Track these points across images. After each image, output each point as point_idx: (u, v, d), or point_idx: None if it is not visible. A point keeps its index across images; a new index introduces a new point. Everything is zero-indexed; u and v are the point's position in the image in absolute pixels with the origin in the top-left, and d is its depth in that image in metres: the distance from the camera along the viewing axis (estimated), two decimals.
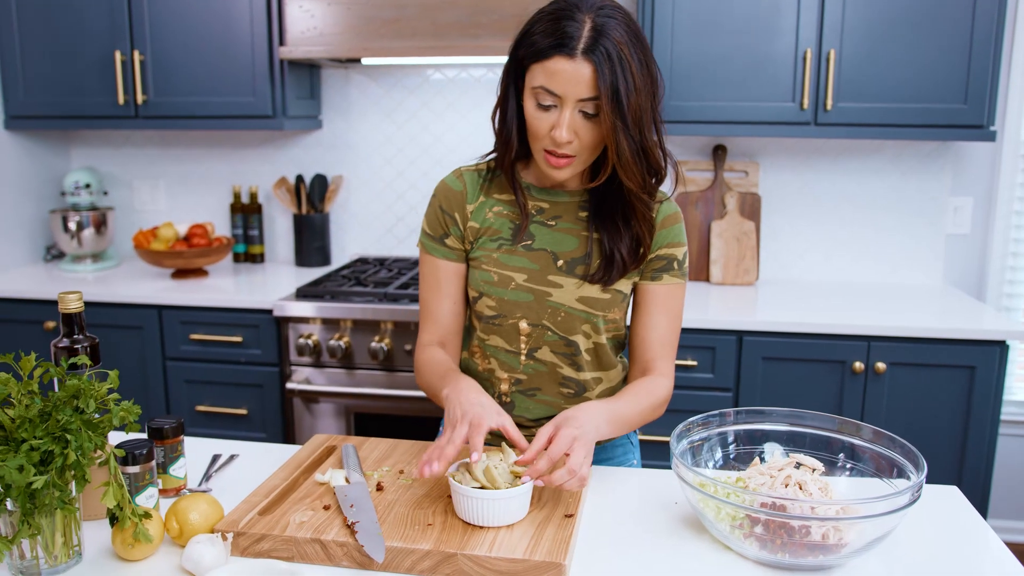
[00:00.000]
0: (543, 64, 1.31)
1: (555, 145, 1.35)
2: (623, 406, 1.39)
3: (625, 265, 1.46)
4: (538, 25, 1.34)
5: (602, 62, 1.28)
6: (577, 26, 1.29)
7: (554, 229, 1.49)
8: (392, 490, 1.31)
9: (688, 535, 1.26)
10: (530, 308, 1.48)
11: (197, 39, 2.90)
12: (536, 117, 1.35)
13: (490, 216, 1.51)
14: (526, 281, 1.48)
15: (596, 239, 1.48)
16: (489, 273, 1.49)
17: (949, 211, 3.05)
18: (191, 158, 3.40)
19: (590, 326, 1.50)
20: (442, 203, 1.53)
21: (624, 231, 1.45)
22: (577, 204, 1.50)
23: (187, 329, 2.79)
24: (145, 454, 1.22)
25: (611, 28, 1.30)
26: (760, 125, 2.73)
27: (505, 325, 1.50)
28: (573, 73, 1.29)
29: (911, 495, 1.14)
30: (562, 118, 1.33)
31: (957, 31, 2.60)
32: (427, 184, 3.27)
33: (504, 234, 1.50)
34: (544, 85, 1.32)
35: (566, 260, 1.48)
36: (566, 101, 1.32)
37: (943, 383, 2.53)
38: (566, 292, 1.48)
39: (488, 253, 1.50)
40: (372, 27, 2.71)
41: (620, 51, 1.29)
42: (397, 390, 2.67)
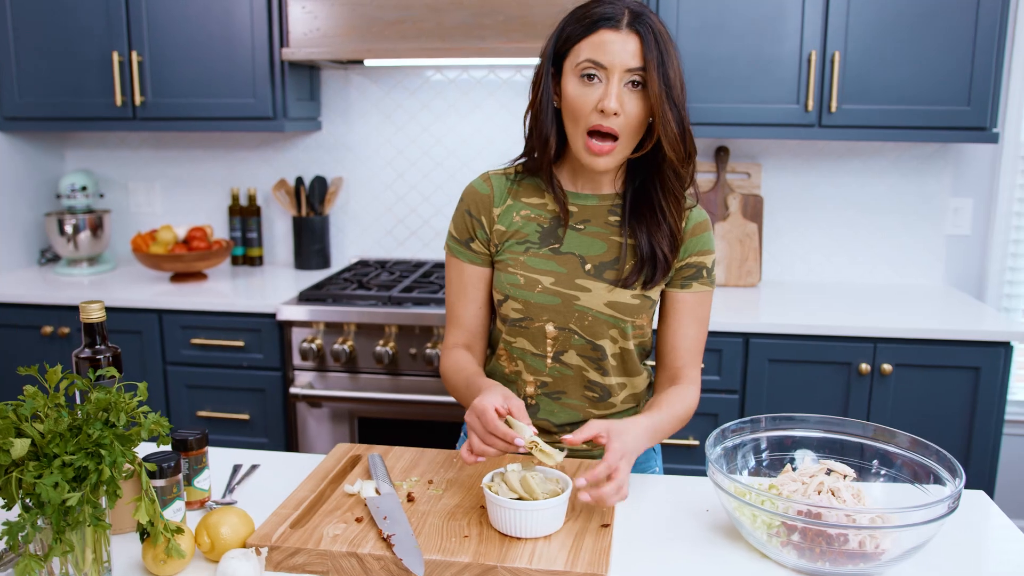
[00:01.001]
0: (588, 40, 1.36)
1: (602, 118, 1.36)
2: (661, 418, 1.40)
3: (668, 263, 1.47)
4: (573, 16, 1.40)
5: (647, 34, 1.34)
6: (616, 8, 1.36)
7: (583, 233, 1.49)
8: (423, 500, 1.29)
9: (723, 543, 1.25)
10: (557, 312, 1.48)
11: (196, 40, 2.87)
12: (580, 94, 1.37)
13: (517, 219, 1.51)
14: (553, 284, 1.47)
15: (631, 244, 1.48)
16: (516, 276, 1.49)
17: (949, 212, 3.06)
18: (188, 160, 3.36)
19: (618, 331, 1.49)
20: (469, 207, 1.53)
21: (663, 224, 1.46)
22: (607, 208, 1.50)
23: (188, 334, 2.76)
24: (173, 467, 1.20)
25: (647, 13, 1.37)
26: (764, 127, 2.73)
27: (531, 328, 1.50)
28: (620, 43, 1.34)
29: (949, 504, 1.14)
30: (609, 88, 1.35)
31: (960, 33, 2.61)
32: (427, 186, 3.25)
33: (532, 237, 1.50)
34: (590, 57, 1.35)
35: (594, 264, 1.48)
36: (612, 71, 1.35)
37: (948, 384, 2.54)
38: (594, 296, 1.47)
39: (515, 256, 1.50)
40: (376, 28, 2.69)
41: (659, 28, 1.36)
42: (402, 394, 2.65)
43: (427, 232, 3.29)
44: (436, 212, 3.27)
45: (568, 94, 1.38)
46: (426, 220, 3.28)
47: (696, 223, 1.50)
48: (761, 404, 2.59)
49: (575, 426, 1.56)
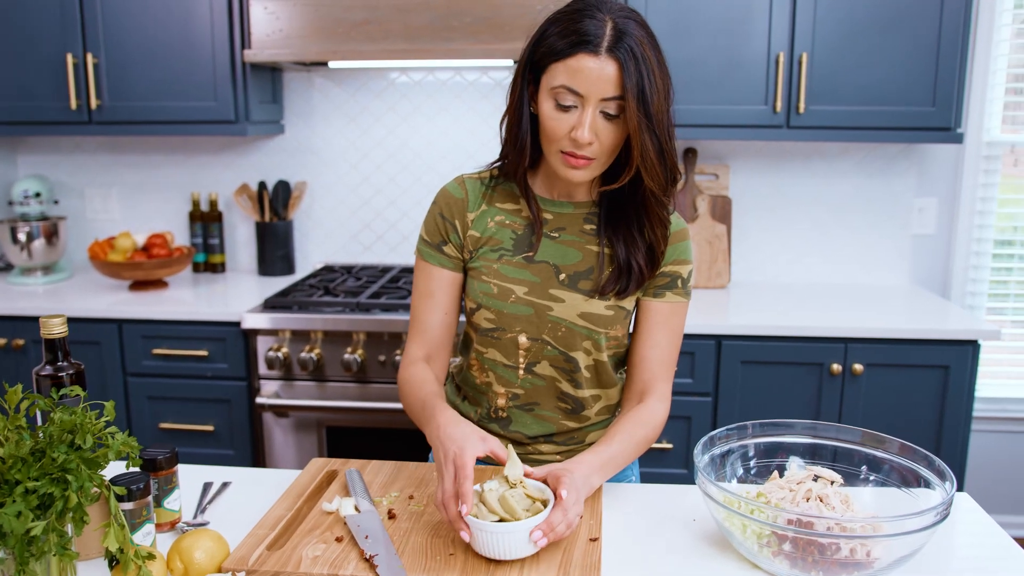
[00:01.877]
0: (565, 63, 1.28)
1: (574, 147, 1.31)
2: (616, 450, 1.33)
3: (643, 275, 1.42)
4: (555, 26, 1.31)
5: (627, 60, 1.25)
6: (598, 24, 1.26)
7: (557, 241, 1.45)
8: (405, 517, 1.25)
9: (714, 553, 1.23)
10: (530, 322, 1.43)
11: (154, 41, 2.79)
12: (554, 118, 1.31)
13: (492, 225, 1.46)
14: (527, 294, 1.43)
15: (608, 253, 1.43)
16: (489, 284, 1.44)
17: (914, 212, 3.09)
18: (147, 165, 3.27)
19: (591, 343, 1.45)
20: (443, 210, 1.48)
21: (640, 240, 1.41)
22: (582, 216, 1.46)
23: (149, 344, 2.68)
24: (142, 489, 1.14)
25: (632, 28, 1.28)
26: (733, 128, 2.73)
27: (504, 339, 1.45)
28: (598, 71, 1.26)
29: (941, 511, 1.12)
30: (584, 117, 1.28)
31: (925, 36, 2.63)
32: (393, 190, 3.20)
33: (506, 244, 1.45)
34: (566, 84, 1.28)
35: (569, 274, 1.44)
36: (588, 100, 1.28)
37: (918, 383, 2.55)
38: (568, 307, 1.43)
39: (489, 264, 1.45)
40: (341, 29, 2.63)
41: (644, 51, 1.26)
42: (371, 402, 2.60)
43: (394, 236, 3.24)
44: (403, 216, 3.22)
45: (543, 115, 1.33)
46: (392, 224, 3.23)
47: (675, 231, 1.45)
48: (734, 406, 2.58)
49: (548, 438, 1.52)
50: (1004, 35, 2.98)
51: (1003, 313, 3.18)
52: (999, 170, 3.06)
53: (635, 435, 1.38)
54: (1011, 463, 3.21)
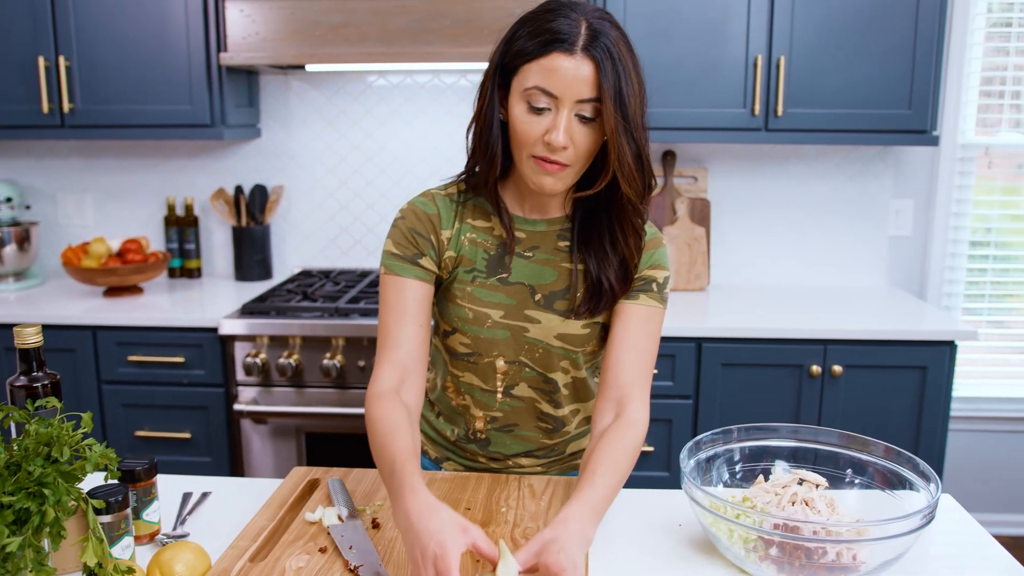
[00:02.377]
0: (538, 62, 1.21)
1: (548, 151, 1.24)
2: (603, 490, 1.19)
3: (614, 294, 1.36)
4: (526, 26, 1.25)
5: (604, 60, 1.19)
6: (572, 24, 1.21)
7: (531, 261, 1.38)
8: (389, 527, 1.23)
9: (700, 559, 1.22)
10: (507, 345, 1.39)
11: (128, 44, 2.75)
12: (526, 122, 1.24)
13: (464, 243, 1.38)
14: (503, 317, 1.37)
15: (581, 270, 1.38)
16: (464, 309, 1.38)
17: (891, 214, 3.11)
18: (120, 169, 3.22)
19: (569, 362, 1.41)
20: (415, 226, 1.37)
21: (612, 255, 1.35)
22: (555, 233, 1.40)
23: (124, 350, 2.64)
24: (120, 501, 1.12)
25: (607, 28, 1.22)
26: (712, 131, 2.74)
27: (481, 363, 1.41)
28: (573, 71, 1.20)
29: (927, 515, 1.12)
30: (558, 120, 1.22)
31: (901, 39, 2.65)
32: (372, 193, 3.18)
33: (478, 265, 1.38)
34: (540, 85, 1.21)
35: (544, 294, 1.38)
36: (563, 102, 1.21)
37: (897, 384, 2.57)
38: (544, 328, 1.38)
39: (462, 287, 1.38)
40: (318, 32, 2.61)
41: (619, 51, 1.21)
42: (351, 408, 2.58)
43: (372, 241, 3.22)
44: (381, 220, 3.20)
45: (514, 118, 1.25)
46: (371, 228, 3.21)
47: (647, 240, 1.39)
48: (715, 409, 2.59)
49: (528, 455, 1.50)
50: (977, 39, 3.01)
51: (978, 313, 3.21)
52: (974, 172, 3.09)
53: (620, 466, 1.24)
54: (988, 462, 3.24)
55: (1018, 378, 3.24)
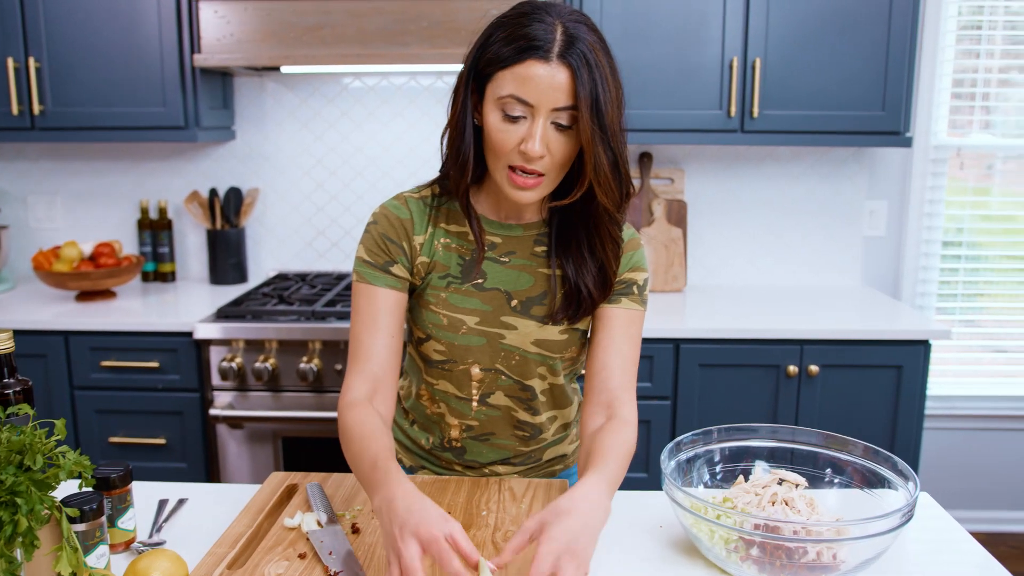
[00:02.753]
0: (512, 70, 1.18)
1: (524, 160, 1.22)
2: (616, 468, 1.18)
3: (593, 300, 1.35)
4: (500, 30, 1.22)
5: (580, 67, 1.17)
6: (548, 28, 1.18)
7: (507, 266, 1.37)
8: (369, 531, 1.22)
9: (682, 560, 1.22)
10: (483, 352, 1.37)
11: (100, 45, 2.71)
12: (501, 131, 1.21)
13: (438, 248, 1.36)
14: (478, 324, 1.35)
15: (559, 275, 1.36)
16: (438, 315, 1.36)
17: (865, 214, 3.14)
18: (92, 172, 3.18)
19: (546, 368, 1.40)
20: (386, 232, 1.34)
21: (590, 261, 1.34)
22: (532, 238, 1.38)
23: (97, 356, 2.60)
24: (95, 509, 1.10)
25: (583, 33, 1.19)
26: (689, 133, 2.75)
27: (455, 371, 1.39)
28: (548, 78, 1.17)
29: (906, 513, 1.13)
30: (534, 129, 1.19)
31: (874, 41, 2.67)
32: (348, 196, 3.16)
33: (452, 271, 1.36)
34: (514, 93, 1.19)
35: (520, 300, 1.36)
36: (539, 110, 1.19)
37: (872, 383, 2.59)
38: (521, 334, 1.36)
39: (436, 292, 1.36)
40: (294, 34, 2.59)
41: (596, 57, 1.18)
42: (328, 412, 2.56)
43: (349, 243, 3.20)
44: (358, 223, 3.18)
45: (489, 126, 1.23)
46: (347, 231, 3.19)
47: (626, 242, 1.38)
48: (693, 409, 2.59)
49: (504, 463, 1.49)
50: (948, 41, 3.05)
51: (951, 313, 3.25)
52: (946, 172, 3.12)
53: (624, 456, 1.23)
54: (962, 460, 3.28)
55: (990, 376, 3.28)
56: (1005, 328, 3.27)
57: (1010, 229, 3.24)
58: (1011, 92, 3.13)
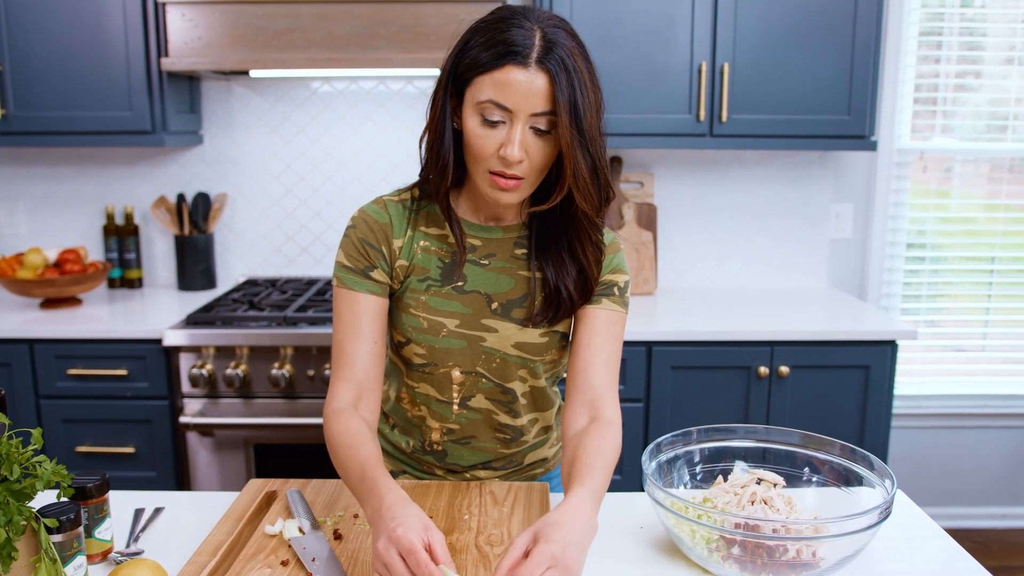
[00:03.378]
0: (491, 75, 1.19)
1: (503, 165, 1.22)
2: (601, 480, 1.19)
3: (573, 303, 1.36)
4: (479, 35, 1.22)
5: (559, 72, 1.17)
6: (526, 34, 1.18)
7: (487, 269, 1.37)
8: (352, 537, 1.21)
9: (664, 560, 1.23)
10: (463, 355, 1.37)
11: (64, 49, 2.67)
12: (480, 136, 1.22)
13: (417, 251, 1.36)
14: (458, 327, 1.36)
15: (539, 278, 1.37)
16: (418, 319, 1.36)
17: (831, 217, 3.18)
18: (55, 177, 3.13)
19: (527, 371, 1.40)
20: (366, 236, 1.35)
21: (570, 264, 1.35)
22: (512, 241, 1.39)
23: (63, 364, 2.56)
24: (72, 519, 1.08)
25: (562, 38, 1.20)
26: (658, 137, 2.77)
27: (436, 374, 1.39)
28: (527, 84, 1.17)
29: (882, 511, 1.15)
30: (513, 134, 1.20)
31: (839, 47, 2.72)
32: (318, 201, 3.14)
33: (432, 273, 1.36)
34: (493, 98, 1.19)
35: (501, 303, 1.37)
36: (517, 115, 1.19)
37: (841, 383, 2.63)
38: (501, 337, 1.37)
39: (416, 295, 1.36)
40: (263, 38, 2.57)
41: (575, 62, 1.19)
42: (300, 418, 2.54)
43: (319, 248, 3.18)
44: (328, 227, 3.16)
45: (468, 132, 1.23)
46: (317, 236, 3.17)
47: (605, 246, 1.39)
48: (665, 411, 2.61)
49: (486, 467, 1.49)
50: (910, 47, 3.11)
51: (916, 313, 3.31)
52: (909, 176, 3.18)
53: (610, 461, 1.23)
54: (929, 458, 3.34)
55: (954, 375, 3.35)
56: (965, 328, 3.34)
57: (969, 231, 3.31)
58: (968, 97, 3.20)
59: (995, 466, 3.37)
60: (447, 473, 1.50)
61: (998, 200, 3.28)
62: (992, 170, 3.27)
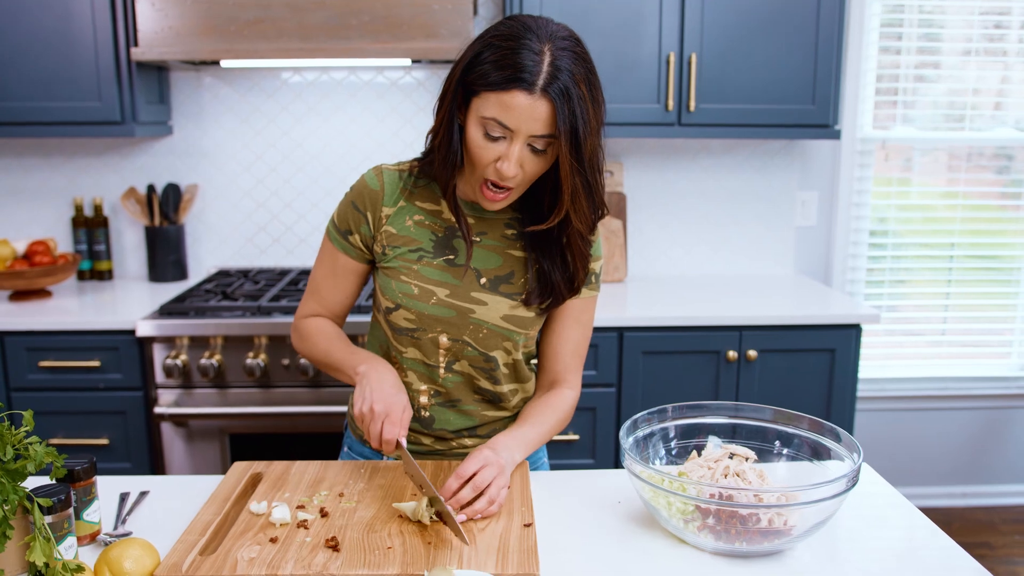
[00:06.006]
0: (498, 96, 1.25)
1: (498, 177, 1.31)
2: (531, 430, 1.43)
3: (562, 295, 1.45)
4: (490, 51, 1.26)
5: (562, 102, 1.23)
6: (536, 58, 1.23)
7: (479, 246, 1.45)
8: (338, 515, 1.24)
9: (642, 532, 1.27)
10: (451, 324, 1.44)
11: (31, 38, 2.65)
12: (482, 147, 1.29)
13: (410, 224, 1.45)
14: (448, 297, 1.43)
15: (523, 257, 1.46)
16: (409, 285, 1.43)
17: (797, 205, 3.25)
18: (21, 168, 3.10)
19: (511, 344, 1.47)
20: (355, 199, 1.47)
21: (561, 264, 1.43)
22: (503, 222, 1.47)
23: (35, 356, 2.54)
24: (63, 501, 1.09)
25: (569, 62, 1.24)
26: (627, 126, 2.81)
27: (424, 339, 1.46)
28: (530, 109, 1.24)
29: (851, 479, 1.20)
30: (511, 151, 1.27)
31: (803, 37, 2.78)
32: (289, 192, 3.14)
33: (426, 246, 1.44)
34: (496, 117, 1.26)
35: (489, 278, 1.45)
36: (518, 135, 1.26)
37: (807, 366, 2.70)
38: (490, 310, 1.44)
39: (408, 264, 1.44)
40: (234, 28, 2.57)
41: (579, 89, 1.24)
42: (275, 407, 2.55)
43: (291, 239, 3.19)
44: (299, 218, 3.17)
45: (470, 139, 1.31)
46: (289, 227, 3.18)
47: None
48: (637, 395, 2.66)
49: (471, 431, 1.54)
50: (872, 38, 3.18)
51: (879, 299, 3.39)
52: (872, 164, 3.26)
53: (547, 420, 1.47)
54: (893, 439, 3.43)
55: (915, 359, 3.44)
56: (925, 313, 3.43)
57: (927, 218, 3.40)
58: (927, 87, 3.28)
59: (956, 446, 3.47)
60: (435, 443, 1.53)
61: (956, 188, 3.36)
62: (951, 159, 3.36)
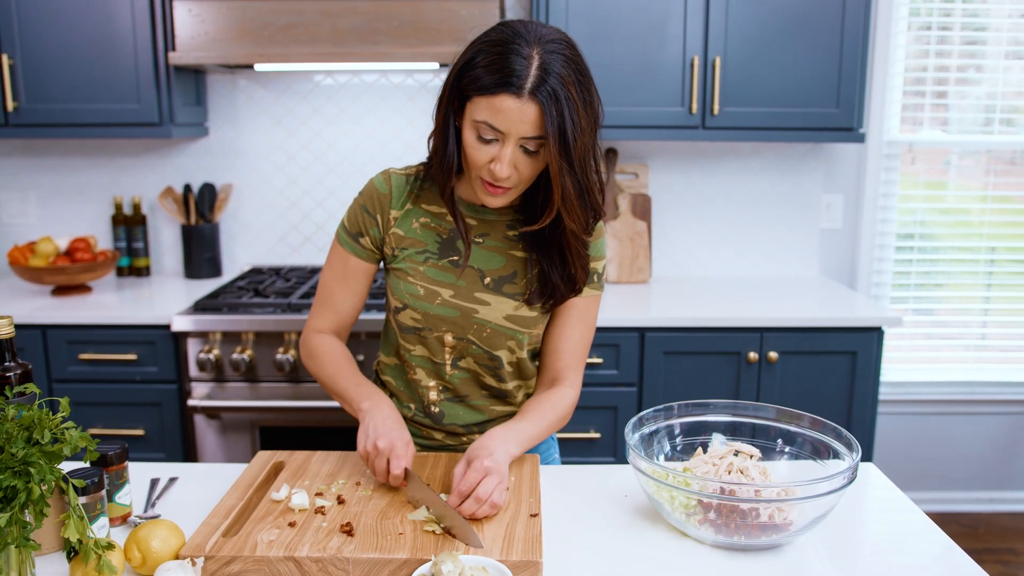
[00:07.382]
0: (488, 100, 1.28)
1: (492, 178, 1.35)
2: (529, 426, 1.43)
3: (563, 295, 1.49)
4: (482, 56, 1.30)
5: (549, 104, 1.26)
6: (524, 63, 1.26)
7: (481, 247, 1.50)
8: (354, 502, 1.30)
9: (645, 525, 1.32)
10: (456, 323, 1.49)
11: (74, 43, 2.75)
12: (476, 148, 1.34)
13: (416, 227, 1.50)
14: (453, 297, 1.48)
15: (524, 257, 1.50)
16: (415, 286, 1.49)
17: (822, 208, 3.26)
18: (66, 168, 3.21)
19: (515, 343, 1.52)
20: (365, 203, 1.52)
21: (560, 264, 1.47)
22: (505, 223, 1.51)
23: (75, 349, 2.65)
24: (96, 483, 1.17)
25: (558, 65, 1.27)
26: (652, 129, 2.84)
27: (430, 338, 1.51)
28: (519, 112, 1.27)
29: (848, 476, 1.23)
30: (503, 153, 1.31)
31: (828, 41, 2.79)
32: (321, 191, 3.22)
33: (431, 247, 1.50)
34: (487, 121, 1.29)
35: (493, 278, 1.49)
36: (508, 138, 1.30)
37: (829, 368, 2.71)
38: (493, 310, 1.49)
39: (414, 266, 1.49)
40: (268, 33, 2.65)
41: (568, 91, 1.27)
42: (304, 401, 2.63)
43: (322, 238, 3.27)
44: (330, 217, 3.24)
45: (465, 141, 1.35)
46: (320, 226, 3.26)
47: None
48: (658, 395, 2.70)
49: (481, 426, 1.59)
50: (900, 41, 3.18)
51: (905, 302, 3.39)
52: (898, 168, 3.26)
53: (546, 416, 1.48)
54: (914, 443, 3.42)
55: (941, 363, 3.43)
56: (957, 316, 3.42)
57: (964, 222, 3.38)
58: (967, 90, 3.27)
59: (982, 452, 3.46)
60: (446, 438, 1.59)
61: (989, 192, 3.35)
62: (990, 162, 3.34)
